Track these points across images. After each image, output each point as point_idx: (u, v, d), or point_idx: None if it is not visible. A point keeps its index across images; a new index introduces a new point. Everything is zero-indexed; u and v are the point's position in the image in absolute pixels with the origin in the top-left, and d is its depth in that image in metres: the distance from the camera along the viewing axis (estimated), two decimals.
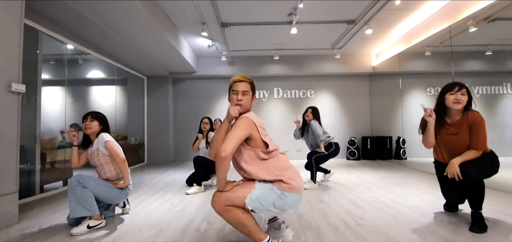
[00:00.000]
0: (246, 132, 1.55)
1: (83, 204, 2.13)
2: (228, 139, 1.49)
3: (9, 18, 2.37)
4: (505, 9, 3.73)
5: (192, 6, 4.08)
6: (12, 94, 2.38)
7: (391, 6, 4.12)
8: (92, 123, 2.33)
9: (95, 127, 2.33)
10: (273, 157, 1.63)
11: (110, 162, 2.32)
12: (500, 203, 2.73)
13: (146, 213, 2.64)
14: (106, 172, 2.33)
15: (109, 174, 2.34)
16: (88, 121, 2.32)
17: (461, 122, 2.07)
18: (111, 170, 2.33)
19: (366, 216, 2.39)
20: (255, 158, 1.61)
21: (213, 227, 2.22)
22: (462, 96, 2.02)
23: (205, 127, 3.89)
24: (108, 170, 2.33)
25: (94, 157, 2.31)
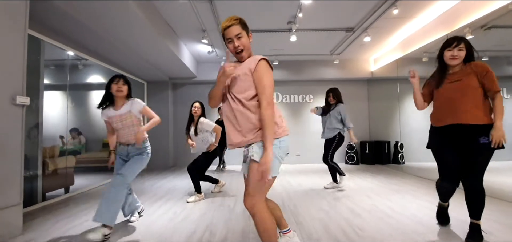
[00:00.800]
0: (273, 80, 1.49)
1: (115, 212, 2.24)
2: (264, 89, 1.42)
3: (13, 31, 2.40)
4: (500, 17, 3.80)
5: (192, 14, 4.13)
6: (17, 107, 2.41)
7: (389, 15, 4.19)
8: (123, 86, 2.43)
9: (125, 91, 2.45)
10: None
11: (137, 126, 2.45)
12: (496, 211, 2.79)
13: (149, 223, 2.67)
14: (131, 134, 2.44)
15: (131, 137, 2.45)
16: (120, 84, 2.41)
17: (464, 71, 2.01)
18: (134, 133, 2.45)
19: (365, 226, 2.44)
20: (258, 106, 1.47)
21: (215, 238, 2.26)
22: (459, 51, 2.00)
23: (196, 112, 3.69)
24: (133, 133, 2.45)
25: (125, 119, 2.40)
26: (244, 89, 1.47)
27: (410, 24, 4.80)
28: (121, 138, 2.49)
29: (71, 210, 3.15)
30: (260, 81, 1.44)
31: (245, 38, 1.53)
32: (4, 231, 2.27)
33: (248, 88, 1.47)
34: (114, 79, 2.43)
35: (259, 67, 1.46)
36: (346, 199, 3.43)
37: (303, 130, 7.41)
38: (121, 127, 2.44)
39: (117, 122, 2.44)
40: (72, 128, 4.36)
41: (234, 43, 1.50)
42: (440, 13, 4.30)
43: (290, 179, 5.01)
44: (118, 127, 2.45)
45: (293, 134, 7.42)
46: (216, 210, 3.07)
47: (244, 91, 1.47)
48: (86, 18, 3.39)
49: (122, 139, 2.48)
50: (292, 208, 3.08)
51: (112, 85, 2.40)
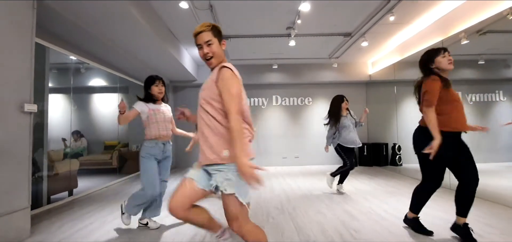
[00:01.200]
0: (241, 87, 1.41)
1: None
2: (231, 98, 1.32)
3: (20, 40, 2.48)
4: (496, 23, 3.89)
5: (193, 19, 4.22)
6: (25, 114, 2.50)
7: (386, 21, 4.28)
8: (163, 88, 2.68)
9: (164, 92, 2.71)
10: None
11: (171, 123, 2.76)
12: (488, 214, 2.88)
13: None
14: (166, 128, 2.67)
15: (166, 132, 2.67)
16: (160, 85, 2.65)
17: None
18: (168, 128, 2.72)
19: (361, 229, 2.53)
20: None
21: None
22: (450, 56, 2.18)
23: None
24: (167, 128, 2.69)
25: (159, 114, 2.61)
26: (211, 98, 1.42)
27: (406, 29, 4.89)
28: (158, 130, 2.59)
29: (75, 213, 3.24)
30: (224, 91, 1.36)
31: (216, 45, 1.46)
32: (13, 234, 2.36)
33: (214, 97, 1.40)
34: (154, 81, 2.61)
35: (222, 75, 1.38)
36: (344, 202, 3.52)
37: (302, 133, 7.50)
38: (158, 121, 2.60)
39: (153, 115, 2.57)
40: (74, 131, 4.44)
41: (204, 49, 1.46)
42: (436, 19, 4.40)
43: (289, 181, 5.10)
44: (152, 120, 2.58)
45: (292, 136, 7.52)
46: (217, 213, 3.15)
47: (211, 101, 1.42)
48: (88, 24, 3.47)
49: (160, 131, 2.60)
50: (291, 211, 3.17)
51: (153, 87, 2.60)
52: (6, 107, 2.32)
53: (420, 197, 2.40)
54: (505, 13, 3.53)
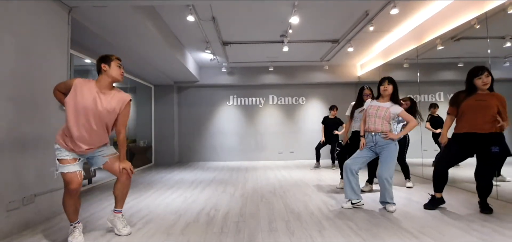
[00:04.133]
0: None
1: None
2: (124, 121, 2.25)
3: (58, 50, 3.03)
4: (468, 30, 4.41)
5: (198, 29, 4.78)
6: (63, 112, 3.05)
7: (367, 30, 4.85)
8: (388, 86, 2.96)
9: (390, 90, 2.96)
10: None
11: (385, 120, 2.97)
12: (448, 196, 3.46)
13: (166, 204, 3.33)
14: (376, 122, 2.96)
15: (378, 126, 2.94)
16: (385, 84, 2.96)
17: (490, 96, 2.64)
18: (378, 123, 2.97)
19: (335, 205, 3.11)
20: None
21: (219, 213, 2.92)
22: (486, 78, 2.61)
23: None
24: (379, 123, 2.95)
25: (379, 110, 2.97)
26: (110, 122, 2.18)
27: (387, 36, 5.48)
28: (369, 125, 2.96)
29: (97, 196, 3.80)
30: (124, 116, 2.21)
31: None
32: (54, 208, 2.92)
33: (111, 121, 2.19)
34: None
35: (127, 107, 2.23)
36: (328, 188, 4.09)
37: (297, 130, 8.09)
38: (373, 115, 2.95)
39: (372, 110, 2.99)
40: None
41: (122, 69, 2.28)
42: (412, 28, 4.97)
43: (284, 172, 5.69)
44: (370, 114, 2.97)
45: (288, 133, 8.10)
46: (219, 195, 3.73)
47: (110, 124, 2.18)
48: (107, 34, 4.01)
49: (371, 126, 2.96)
50: (281, 194, 3.75)
51: None
52: (49, 106, 2.87)
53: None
54: (472, 22, 4.06)
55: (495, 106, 2.60)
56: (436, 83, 6.33)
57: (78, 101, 2.03)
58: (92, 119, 2.07)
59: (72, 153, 2.08)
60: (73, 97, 2.03)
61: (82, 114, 2.04)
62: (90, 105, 2.06)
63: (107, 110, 2.11)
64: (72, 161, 2.07)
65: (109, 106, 2.12)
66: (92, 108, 2.06)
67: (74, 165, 2.07)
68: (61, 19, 3.06)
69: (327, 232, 2.32)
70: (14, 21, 2.46)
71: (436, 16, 4.42)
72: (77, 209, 2.17)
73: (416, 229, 2.34)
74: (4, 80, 2.35)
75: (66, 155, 2.05)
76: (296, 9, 3.99)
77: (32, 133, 2.62)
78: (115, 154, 2.28)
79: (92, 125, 2.07)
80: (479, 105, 2.65)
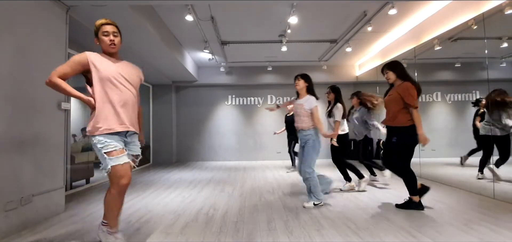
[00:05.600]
0: None
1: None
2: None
3: (57, 50, 3.01)
4: (465, 30, 4.44)
5: (197, 29, 4.78)
6: (61, 111, 3.04)
7: (365, 30, 4.87)
8: (299, 81, 3.21)
9: (301, 85, 3.21)
10: None
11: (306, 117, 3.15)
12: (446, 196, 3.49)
13: (164, 203, 3.33)
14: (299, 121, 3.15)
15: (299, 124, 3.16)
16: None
17: (394, 89, 2.89)
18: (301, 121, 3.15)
19: (335, 204, 3.13)
20: None
21: (218, 213, 2.92)
22: (385, 75, 2.97)
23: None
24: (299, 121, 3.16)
25: (299, 108, 3.17)
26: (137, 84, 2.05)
27: (386, 37, 5.50)
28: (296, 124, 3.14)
29: (96, 196, 3.79)
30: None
31: (119, 39, 1.97)
32: (52, 208, 2.91)
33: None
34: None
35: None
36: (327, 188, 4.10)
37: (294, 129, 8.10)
38: (296, 114, 3.16)
39: (295, 109, 3.13)
40: (83, 127, 4.91)
41: (110, 36, 1.90)
42: (410, 28, 5.00)
43: (282, 172, 5.70)
44: (295, 113, 3.17)
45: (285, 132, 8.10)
46: (218, 195, 3.73)
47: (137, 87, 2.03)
48: None
49: (297, 125, 3.13)
50: (280, 193, 3.76)
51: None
52: (46, 105, 2.86)
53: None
54: (470, 23, 4.09)
55: (396, 99, 2.79)
56: (433, 83, 6.38)
57: (103, 72, 1.82)
58: (125, 82, 1.88)
59: (119, 141, 1.83)
60: (96, 72, 1.82)
61: (113, 84, 1.83)
62: (115, 70, 1.86)
63: (130, 73, 1.95)
64: (121, 151, 1.82)
65: (130, 71, 1.97)
66: (118, 72, 1.87)
67: (124, 156, 1.83)
68: (59, 18, 3.04)
69: (326, 231, 2.33)
70: (12, 21, 2.44)
71: (434, 16, 4.45)
72: (120, 212, 1.95)
73: (414, 228, 2.35)
74: (2, 79, 2.33)
75: (114, 145, 1.80)
76: (295, 9, 4.00)
77: (29, 133, 2.61)
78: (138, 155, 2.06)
79: (127, 88, 1.88)
80: (388, 99, 2.92)
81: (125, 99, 1.87)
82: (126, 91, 1.89)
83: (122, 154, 1.82)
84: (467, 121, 6.34)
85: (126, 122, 1.88)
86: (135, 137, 2.05)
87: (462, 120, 6.33)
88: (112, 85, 1.84)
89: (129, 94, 1.91)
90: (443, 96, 6.43)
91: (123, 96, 1.86)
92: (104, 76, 1.82)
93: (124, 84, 1.88)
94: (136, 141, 2.05)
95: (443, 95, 6.42)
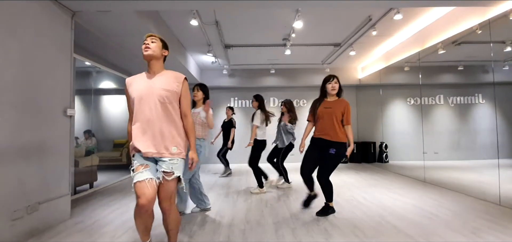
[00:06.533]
0: None
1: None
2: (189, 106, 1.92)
3: (62, 56, 3.00)
4: (470, 34, 4.44)
5: (201, 33, 4.76)
6: (67, 117, 3.03)
7: (370, 34, 4.86)
8: (197, 93, 3.20)
9: (198, 97, 3.22)
10: None
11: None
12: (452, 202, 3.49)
13: None
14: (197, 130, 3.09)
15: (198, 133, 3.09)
16: (195, 91, 3.19)
17: (336, 102, 2.91)
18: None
19: (341, 211, 3.12)
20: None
21: (224, 219, 2.91)
22: (335, 84, 2.90)
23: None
24: (198, 129, 3.10)
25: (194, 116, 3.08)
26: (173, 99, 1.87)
27: (390, 40, 5.49)
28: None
29: (101, 201, 3.78)
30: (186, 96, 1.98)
31: (157, 44, 1.93)
32: (58, 215, 2.90)
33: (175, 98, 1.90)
34: (193, 89, 3.16)
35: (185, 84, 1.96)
36: None
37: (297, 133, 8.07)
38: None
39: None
40: (86, 130, 4.90)
41: (146, 40, 1.94)
42: (414, 33, 4.99)
43: None
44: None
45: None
46: (223, 201, 3.72)
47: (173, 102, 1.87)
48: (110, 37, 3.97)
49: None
50: (285, 199, 3.75)
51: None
52: (52, 112, 2.85)
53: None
54: (475, 28, 4.09)
55: (338, 114, 2.84)
56: (436, 86, 6.37)
57: (132, 93, 1.82)
58: (151, 102, 1.78)
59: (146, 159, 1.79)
60: (129, 98, 1.85)
61: (140, 103, 1.78)
62: (144, 88, 1.81)
63: (164, 89, 1.80)
64: (138, 168, 1.77)
65: (159, 85, 1.81)
66: (148, 89, 1.80)
67: (141, 173, 1.75)
68: (64, 23, 3.03)
69: (333, 239, 2.32)
70: (17, 26, 2.42)
71: (439, 21, 4.44)
72: (147, 227, 1.87)
73: (422, 237, 2.34)
74: (7, 86, 2.31)
75: (137, 162, 1.77)
76: (300, 14, 3.99)
77: (35, 140, 2.59)
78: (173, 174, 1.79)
79: (152, 108, 1.77)
80: (325, 111, 2.89)
81: (149, 117, 1.77)
82: (150, 109, 1.77)
83: (139, 171, 1.73)
84: (469, 124, 6.35)
85: (150, 146, 1.76)
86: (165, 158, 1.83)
87: (465, 123, 6.34)
88: (138, 104, 1.79)
89: (154, 112, 1.78)
90: (445, 99, 6.43)
91: (147, 115, 1.77)
92: (133, 96, 1.81)
93: (148, 104, 1.78)
94: (166, 161, 1.79)
95: (446, 98, 6.41)
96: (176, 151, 1.80)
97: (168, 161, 1.77)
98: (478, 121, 6.24)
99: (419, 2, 3.56)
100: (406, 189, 4.20)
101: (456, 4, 3.52)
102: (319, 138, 2.92)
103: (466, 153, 6.26)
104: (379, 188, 4.31)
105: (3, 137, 2.26)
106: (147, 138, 1.76)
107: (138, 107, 1.78)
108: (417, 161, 5.56)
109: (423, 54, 4.99)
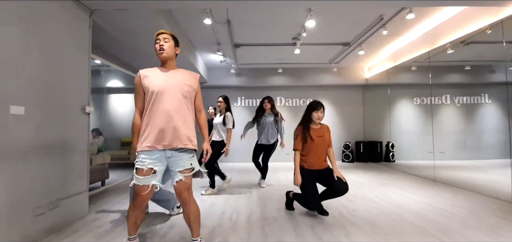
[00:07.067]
0: None
1: None
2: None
3: (80, 55, 3.02)
4: (478, 34, 4.45)
5: (211, 32, 4.79)
6: (85, 115, 3.06)
7: (380, 34, 4.87)
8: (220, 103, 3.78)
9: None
10: None
11: None
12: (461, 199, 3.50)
13: None
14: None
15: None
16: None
17: (323, 129, 2.92)
18: None
19: (357, 209, 3.14)
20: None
21: (241, 216, 2.93)
22: (321, 114, 2.86)
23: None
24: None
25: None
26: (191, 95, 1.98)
27: (399, 40, 5.50)
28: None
29: (114, 198, 3.80)
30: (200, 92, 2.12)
31: (171, 44, 1.95)
32: (77, 211, 2.92)
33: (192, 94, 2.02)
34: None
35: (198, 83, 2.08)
36: None
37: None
38: None
39: None
40: (93, 129, 4.89)
41: (160, 42, 1.93)
42: (424, 32, 5.00)
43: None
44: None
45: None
46: (236, 199, 3.75)
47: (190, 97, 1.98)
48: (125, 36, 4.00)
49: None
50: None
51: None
52: (72, 109, 2.87)
53: None
54: (485, 28, 4.10)
55: (329, 139, 2.91)
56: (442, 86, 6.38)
57: (148, 86, 1.83)
58: (173, 95, 1.82)
59: (156, 159, 1.83)
60: (141, 89, 1.87)
61: (157, 97, 1.80)
62: (161, 82, 1.83)
63: (186, 84, 1.90)
64: (147, 172, 1.82)
65: (181, 80, 1.89)
66: (165, 83, 1.84)
67: (146, 178, 1.82)
68: (82, 21, 3.05)
69: (354, 236, 2.34)
70: (38, 23, 2.43)
71: (450, 20, 4.45)
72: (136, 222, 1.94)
73: (441, 233, 2.36)
74: (32, 84, 2.34)
75: (145, 164, 1.80)
76: (312, 13, 4.01)
77: (57, 137, 2.62)
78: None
79: (174, 101, 1.81)
80: (319, 141, 2.85)
81: (168, 109, 1.79)
82: (171, 101, 1.81)
83: (148, 175, 1.78)
84: (475, 123, 6.35)
85: (166, 139, 1.80)
86: (181, 152, 1.88)
87: (471, 122, 6.34)
88: (158, 96, 1.80)
89: (172, 106, 1.81)
90: (452, 99, 6.43)
91: (167, 107, 1.79)
92: (151, 88, 1.82)
93: (169, 96, 1.81)
94: (182, 156, 1.87)
95: (452, 98, 6.42)
96: (191, 143, 1.89)
97: (185, 157, 1.87)
98: (484, 121, 6.24)
99: (433, 2, 3.57)
100: (417, 188, 4.21)
101: (471, 4, 3.53)
102: (314, 170, 2.87)
103: (471, 153, 6.27)
104: (390, 187, 4.33)
105: (28, 134, 2.29)
106: (161, 131, 1.78)
107: (156, 98, 1.80)
108: (423, 160, 5.58)
109: (432, 53, 5.00)
